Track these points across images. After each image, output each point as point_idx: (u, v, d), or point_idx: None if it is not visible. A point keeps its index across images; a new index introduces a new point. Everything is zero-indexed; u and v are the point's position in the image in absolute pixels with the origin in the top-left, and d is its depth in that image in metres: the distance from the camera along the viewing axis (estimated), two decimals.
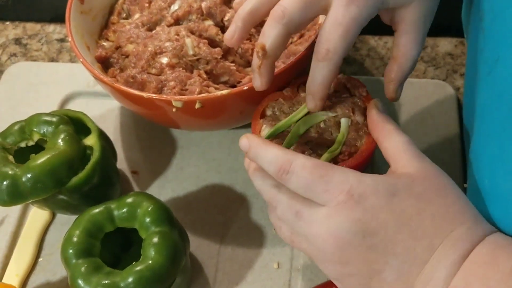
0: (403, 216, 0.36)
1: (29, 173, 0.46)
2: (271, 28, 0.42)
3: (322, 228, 0.37)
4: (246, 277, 0.51)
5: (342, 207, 0.36)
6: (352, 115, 0.46)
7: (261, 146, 0.40)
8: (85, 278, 0.42)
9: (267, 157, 0.39)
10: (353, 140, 0.45)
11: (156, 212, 0.45)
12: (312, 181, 0.37)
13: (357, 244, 0.36)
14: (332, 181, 0.37)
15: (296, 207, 0.38)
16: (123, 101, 0.52)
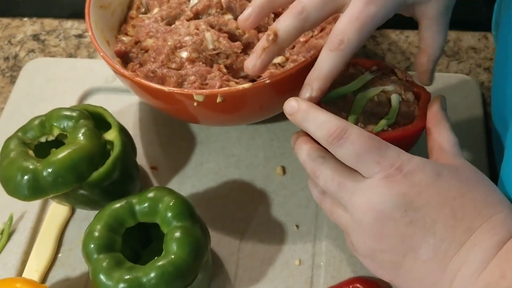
0: (446, 195, 0.37)
1: (49, 168, 0.45)
2: (288, 19, 0.43)
3: (364, 198, 0.37)
4: (267, 274, 0.50)
5: (390, 180, 0.37)
6: (403, 93, 0.46)
7: (312, 109, 0.39)
8: (107, 273, 0.42)
9: (318, 120, 0.39)
10: (405, 114, 0.45)
11: (178, 206, 0.44)
12: (366, 150, 0.37)
13: (397, 218, 0.36)
14: (385, 154, 0.37)
15: (339, 178, 0.39)
16: (143, 95, 0.52)
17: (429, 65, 0.47)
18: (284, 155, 0.57)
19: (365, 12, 0.41)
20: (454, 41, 0.64)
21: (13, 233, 0.54)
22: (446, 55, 0.63)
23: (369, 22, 0.41)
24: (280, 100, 0.52)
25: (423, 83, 0.48)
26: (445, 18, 0.45)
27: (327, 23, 0.55)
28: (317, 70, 0.42)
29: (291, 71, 0.47)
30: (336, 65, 0.42)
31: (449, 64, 0.62)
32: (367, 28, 0.41)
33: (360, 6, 0.41)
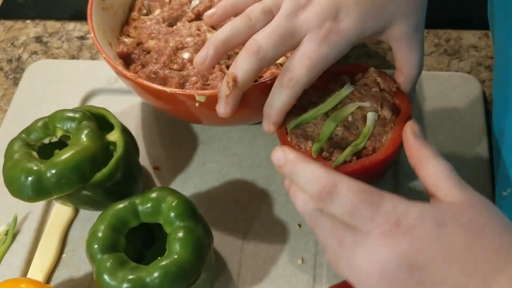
0: (452, 249, 0.33)
1: (53, 169, 0.46)
2: (245, 61, 0.43)
3: (366, 259, 0.34)
4: (270, 273, 0.50)
5: (388, 238, 0.34)
6: (380, 110, 0.45)
7: (299, 162, 0.37)
8: (111, 273, 0.42)
9: (306, 175, 0.37)
10: (378, 136, 0.44)
11: (180, 206, 0.45)
12: (358, 206, 0.35)
13: (403, 279, 0.34)
14: (379, 209, 0.34)
15: (339, 234, 0.36)
16: (145, 96, 0.52)
17: (407, 85, 0.46)
18: None
19: (317, 52, 0.41)
20: (454, 40, 0.64)
21: (18, 234, 0.54)
22: (447, 54, 0.63)
23: (320, 62, 0.42)
24: None
25: None
26: (415, 36, 0.44)
27: None
28: (269, 105, 0.44)
29: None
30: (286, 101, 0.43)
31: (450, 63, 0.62)
32: (317, 67, 0.42)
33: (313, 46, 0.41)
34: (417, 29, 0.44)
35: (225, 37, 0.44)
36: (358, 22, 0.42)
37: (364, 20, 0.42)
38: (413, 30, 0.44)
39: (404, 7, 0.42)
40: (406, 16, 0.43)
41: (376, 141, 0.44)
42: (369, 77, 0.47)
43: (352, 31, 0.42)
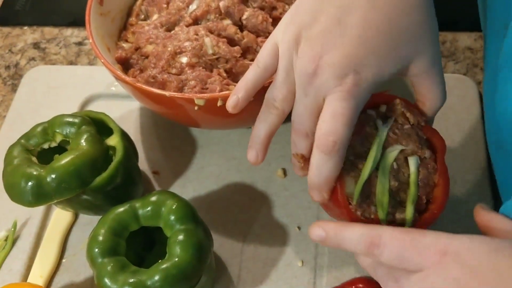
0: (507, 273, 0.33)
1: (53, 174, 0.46)
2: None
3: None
4: (270, 276, 0.50)
5: (438, 267, 0.34)
6: (420, 151, 0.43)
7: (341, 230, 0.39)
8: (112, 277, 0.42)
9: (353, 239, 0.38)
10: (425, 179, 0.43)
11: (180, 210, 0.45)
12: (404, 249, 0.36)
13: None
14: (424, 243, 0.35)
15: (395, 274, 0.37)
16: (144, 100, 0.52)
17: (429, 115, 0.45)
18: (285, 158, 0.58)
19: (348, 108, 0.40)
20: (450, 42, 0.65)
21: (18, 239, 0.54)
22: (443, 56, 0.64)
23: (353, 116, 0.40)
24: None
25: None
26: (434, 70, 0.43)
27: None
28: (318, 175, 0.41)
29: None
30: (336, 167, 0.40)
31: (446, 65, 0.63)
32: (353, 121, 0.40)
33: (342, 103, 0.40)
34: (434, 62, 0.43)
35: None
36: (377, 70, 0.41)
37: (382, 68, 0.41)
38: (431, 64, 0.43)
39: (418, 45, 0.42)
40: (421, 53, 0.42)
41: (425, 186, 0.42)
42: (396, 111, 0.44)
43: (372, 80, 0.41)
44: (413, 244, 0.36)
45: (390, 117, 0.44)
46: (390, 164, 0.42)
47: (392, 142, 0.43)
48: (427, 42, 0.42)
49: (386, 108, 0.44)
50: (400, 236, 0.36)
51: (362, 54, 0.40)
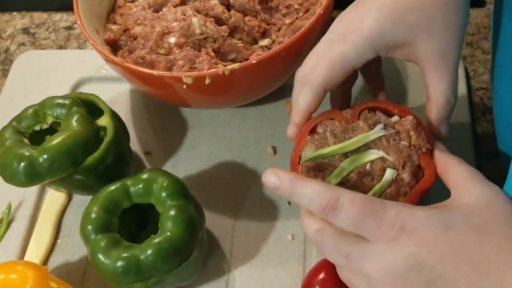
0: (462, 249, 0.33)
1: (45, 154, 0.46)
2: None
3: (375, 267, 0.35)
4: (261, 250, 0.51)
5: (395, 243, 0.34)
6: (401, 170, 0.41)
7: (297, 182, 0.36)
8: (105, 252, 0.43)
9: (307, 194, 0.36)
10: (389, 196, 0.41)
11: (171, 186, 0.46)
12: (363, 217, 0.35)
13: (414, 281, 0.34)
14: (384, 217, 0.34)
15: (344, 249, 0.36)
16: (133, 81, 0.53)
17: (433, 115, 0.43)
18: (275, 136, 0.58)
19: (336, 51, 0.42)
20: None
21: (12, 221, 0.55)
22: None
23: (338, 59, 0.42)
24: (267, 80, 0.53)
25: (434, 135, 0.44)
26: (443, 61, 0.41)
27: (311, 5, 0.56)
28: (293, 107, 0.44)
29: (277, 51, 0.48)
30: (307, 100, 0.43)
31: None
32: (337, 64, 0.42)
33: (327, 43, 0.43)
34: (445, 54, 0.41)
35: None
36: (377, 23, 0.41)
37: (383, 22, 0.41)
38: (440, 53, 0.41)
39: (427, 22, 0.41)
40: (430, 34, 0.41)
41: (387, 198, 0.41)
42: (404, 126, 0.42)
43: (369, 30, 0.41)
44: (373, 215, 0.35)
45: (394, 128, 0.42)
46: (364, 162, 0.41)
47: (380, 147, 0.42)
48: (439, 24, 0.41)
49: (397, 120, 0.43)
50: (360, 204, 0.35)
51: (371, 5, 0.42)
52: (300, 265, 0.50)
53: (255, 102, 0.59)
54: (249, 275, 0.50)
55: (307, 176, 0.41)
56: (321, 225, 0.38)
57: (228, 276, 0.50)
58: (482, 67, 0.60)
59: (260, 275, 0.50)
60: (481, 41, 0.62)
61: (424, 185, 0.41)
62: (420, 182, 0.41)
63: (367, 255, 0.35)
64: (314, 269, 0.48)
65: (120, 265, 0.42)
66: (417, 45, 0.42)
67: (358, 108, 0.43)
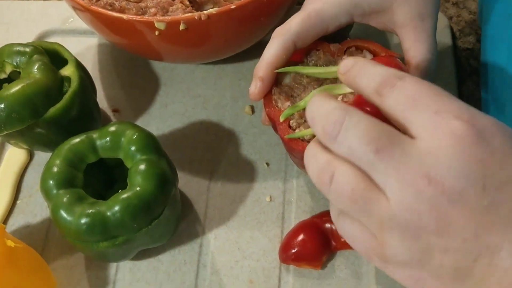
0: None
1: (2, 103, 0.42)
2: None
3: (419, 168, 0.25)
4: (238, 212, 0.49)
5: (458, 139, 0.25)
6: None
7: (368, 63, 0.30)
8: (68, 208, 0.39)
9: (370, 72, 0.29)
10: None
11: (141, 140, 0.42)
12: (421, 95, 0.27)
13: (472, 198, 0.25)
14: (448, 103, 0.26)
15: (377, 139, 0.26)
16: (101, 29, 0.49)
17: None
18: None
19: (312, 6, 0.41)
20: None
21: None
22: None
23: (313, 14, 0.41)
24: (247, 30, 0.50)
25: None
26: (422, 24, 0.40)
27: None
28: (260, 59, 0.41)
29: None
30: (274, 51, 0.40)
31: None
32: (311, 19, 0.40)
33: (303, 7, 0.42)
34: (423, 17, 0.40)
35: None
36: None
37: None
38: (418, 16, 0.40)
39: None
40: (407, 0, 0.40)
41: None
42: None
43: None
44: (435, 96, 0.27)
45: None
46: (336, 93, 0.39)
47: None
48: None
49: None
50: (423, 84, 0.27)
51: None
52: (278, 227, 0.48)
53: (233, 59, 0.56)
54: (224, 237, 0.47)
55: (278, 98, 0.41)
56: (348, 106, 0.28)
57: (201, 239, 0.47)
58: (468, 28, 0.58)
59: (236, 238, 0.47)
60: (467, 1, 0.60)
61: None
62: None
63: (409, 153, 0.26)
64: (293, 230, 0.46)
65: (85, 222, 0.39)
66: (393, 11, 0.41)
67: (347, 44, 0.42)
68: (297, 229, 0.46)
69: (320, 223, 0.46)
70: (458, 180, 0.25)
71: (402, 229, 0.26)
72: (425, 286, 0.27)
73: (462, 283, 0.26)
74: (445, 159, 0.25)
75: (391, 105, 0.27)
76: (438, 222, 0.25)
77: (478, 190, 0.25)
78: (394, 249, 0.27)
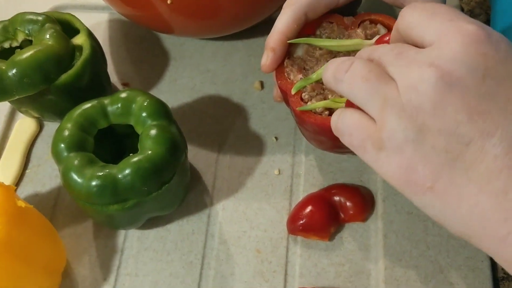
0: None
1: (15, 68, 0.43)
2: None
3: (427, 59, 0.28)
4: (246, 184, 0.49)
5: (468, 39, 0.27)
6: None
7: None
8: (79, 170, 0.39)
9: None
10: None
11: (152, 106, 0.42)
12: (436, 8, 0.29)
13: (471, 85, 0.27)
14: (460, 15, 0.29)
15: (400, 47, 0.30)
16: (112, 0, 0.49)
17: None
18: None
19: None
20: None
21: None
22: None
23: None
24: (257, 4, 0.50)
25: None
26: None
27: None
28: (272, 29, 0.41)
29: None
30: (284, 20, 0.40)
31: None
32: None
33: None
34: None
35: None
36: None
37: None
38: None
39: None
40: None
41: None
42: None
43: None
44: (451, 12, 0.29)
45: None
46: None
47: None
48: None
49: None
50: (438, 3, 0.30)
51: None
52: (286, 200, 0.48)
53: (243, 35, 0.56)
54: (232, 208, 0.48)
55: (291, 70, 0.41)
56: None
57: (210, 209, 0.48)
58: (478, 8, 0.58)
59: (244, 209, 0.47)
60: None
61: None
62: None
63: (423, 52, 0.28)
64: (302, 202, 0.46)
65: (95, 184, 0.39)
66: None
67: (361, 18, 0.42)
68: (305, 201, 0.46)
69: (329, 196, 0.46)
70: (459, 67, 0.27)
71: (401, 108, 0.28)
72: (413, 174, 0.28)
73: (451, 168, 0.27)
74: (451, 50, 0.27)
75: (409, 22, 0.30)
76: (435, 103, 0.27)
77: (477, 79, 0.27)
78: (391, 130, 0.28)
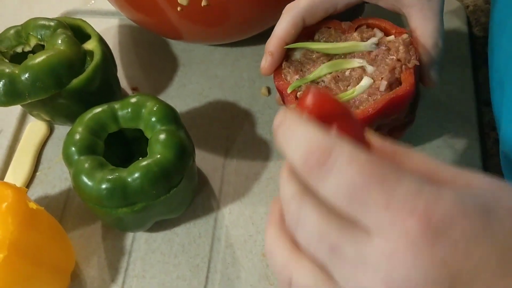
0: (507, 245, 0.21)
1: (27, 72, 0.43)
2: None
3: (380, 278, 0.22)
4: (253, 188, 0.49)
5: (415, 241, 0.21)
6: (379, 80, 0.40)
7: (294, 123, 0.24)
8: (89, 174, 0.40)
9: (296, 137, 0.23)
10: (359, 102, 0.40)
11: (162, 111, 0.43)
12: (364, 185, 0.22)
13: None
14: (398, 191, 0.21)
15: (331, 236, 0.23)
16: (122, 5, 0.50)
17: (424, 58, 0.41)
18: (270, 76, 0.55)
19: None
20: None
21: None
22: None
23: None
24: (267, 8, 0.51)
25: (424, 83, 0.43)
26: (429, 4, 0.41)
27: None
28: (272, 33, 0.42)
29: None
30: (283, 25, 0.42)
31: None
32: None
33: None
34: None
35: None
36: None
37: None
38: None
39: None
40: None
41: (355, 107, 0.40)
42: (396, 43, 0.41)
43: None
44: (380, 183, 0.22)
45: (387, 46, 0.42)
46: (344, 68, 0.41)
47: (365, 58, 0.42)
48: None
49: (391, 40, 0.42)
50: (364, 162, 0.22)
51: None
52: None
53: (251, 42, 0.57)
54: (238, 212, 0.48)
55: (288, 72, 0.42)
56: (303, 190, 0.24)
57: (216, 213, 0.48)
58: (484, 16, 0.58)
59: (250, 213, 0.48)
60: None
61: (396, 93, 0.39)
62: (393, 91, 0.39)
63: (365, 256, 0.22)
64: None
65: (105, 187, 0.40)
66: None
67: (358, 22, 0.43)
68: None
69: None
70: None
71: None
72: None
73: None
74: (403, 267, 0.21)
75: (327, 195, 0.23)
76: None
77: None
78: None
